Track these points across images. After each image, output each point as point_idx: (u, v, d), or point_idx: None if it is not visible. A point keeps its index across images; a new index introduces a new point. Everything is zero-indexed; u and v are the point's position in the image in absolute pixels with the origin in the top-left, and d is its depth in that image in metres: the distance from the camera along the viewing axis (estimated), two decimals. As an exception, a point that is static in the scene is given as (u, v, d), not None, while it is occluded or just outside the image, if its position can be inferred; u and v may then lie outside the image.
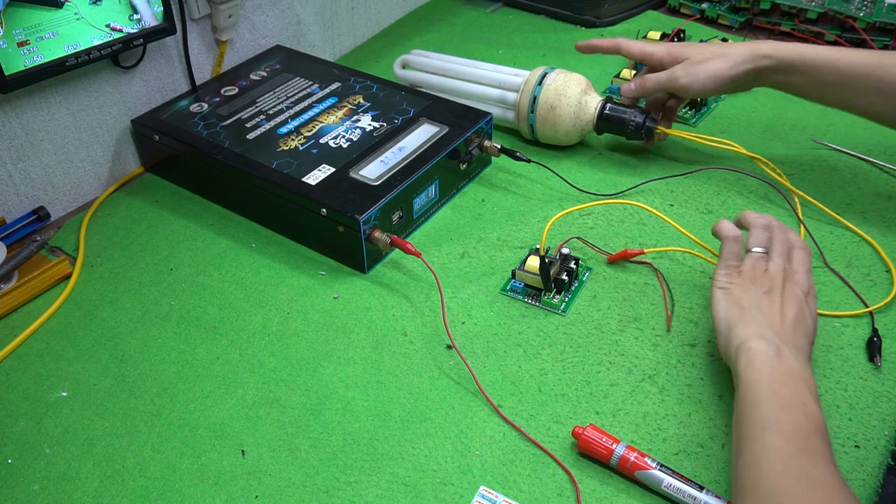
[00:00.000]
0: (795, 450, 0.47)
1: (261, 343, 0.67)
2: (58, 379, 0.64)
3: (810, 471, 0.46)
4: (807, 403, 0.50)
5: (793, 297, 0.58)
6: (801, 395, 0.50)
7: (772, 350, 0.53)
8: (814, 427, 0.49)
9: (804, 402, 0.50)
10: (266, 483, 0.55)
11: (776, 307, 0.57)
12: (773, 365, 0.52)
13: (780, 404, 0.50)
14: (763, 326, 0.55)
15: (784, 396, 0.50)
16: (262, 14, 0.98)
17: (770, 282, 0.59)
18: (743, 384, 0.52)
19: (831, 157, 0.85)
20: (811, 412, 0.49)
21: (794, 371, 0.52)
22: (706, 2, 1.16)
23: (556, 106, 0.84)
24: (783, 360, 0.53)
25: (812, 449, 0.47)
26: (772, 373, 0.52)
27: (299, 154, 0.78)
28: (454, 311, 0.69)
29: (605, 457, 0.54)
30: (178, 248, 0.77)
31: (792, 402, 0.50)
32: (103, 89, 0.83)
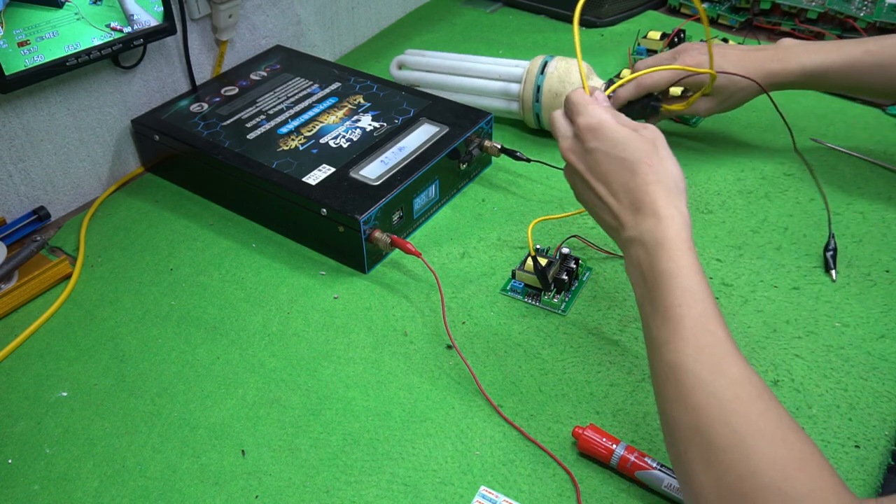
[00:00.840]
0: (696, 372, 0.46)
1: (261, 343, 0.67)
2: (58, 379, 0.64)
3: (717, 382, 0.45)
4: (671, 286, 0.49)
5: (568, 165, 0.58)
6: (673, 285, 0.49)
7: (630, 253, 0.53)
8: (700, 319, 0.47)
9: (678, 290, 0.48)
10: (266, 483, 0.55)
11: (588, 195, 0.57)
12: (638, 269, 0.52)
13: (658, 316, 0.49)
14: (610, 229, 0.56)
15: (657, 300, 0.49)
16: (262, 14, 0.98)
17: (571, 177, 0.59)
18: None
19: (831, 157, 0.85)
20: (688, 294, 0.48)
21: (651, 258, 0.50)
22: (706, 2, 1.16)
23: (561, 93, 0.84)
24: (634, 254, 0.52)
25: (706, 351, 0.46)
26: (640, 280, 0.51)
27: (299, 154, 0.78)
28: (454, 311, 0.69)
29: (605, 457, 0.54)
30: (178, 248, 0.77)
31: (667, 304, 0.48)
32: (103, 89, 0.83)
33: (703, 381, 0.45)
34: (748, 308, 0.67)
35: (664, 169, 0.53)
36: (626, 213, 0.53)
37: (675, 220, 0.51)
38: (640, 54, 1.02)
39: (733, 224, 0.76)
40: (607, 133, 0.55)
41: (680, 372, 0.46)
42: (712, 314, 0.47)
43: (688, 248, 0.50)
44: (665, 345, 0.47)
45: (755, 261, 0.72)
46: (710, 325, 0.47)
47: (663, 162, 0.53)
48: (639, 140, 0.54)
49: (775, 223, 0.76)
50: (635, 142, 0.54)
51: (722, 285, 0.70)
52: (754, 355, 0.63)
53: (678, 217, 0.51)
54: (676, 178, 0.53)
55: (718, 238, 0.75)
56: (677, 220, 0.51)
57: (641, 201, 0.52)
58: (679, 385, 0.46)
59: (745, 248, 0.73)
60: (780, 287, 0.69)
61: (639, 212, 0.52)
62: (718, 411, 0.43)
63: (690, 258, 0.50)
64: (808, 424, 0.57)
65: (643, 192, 0.52)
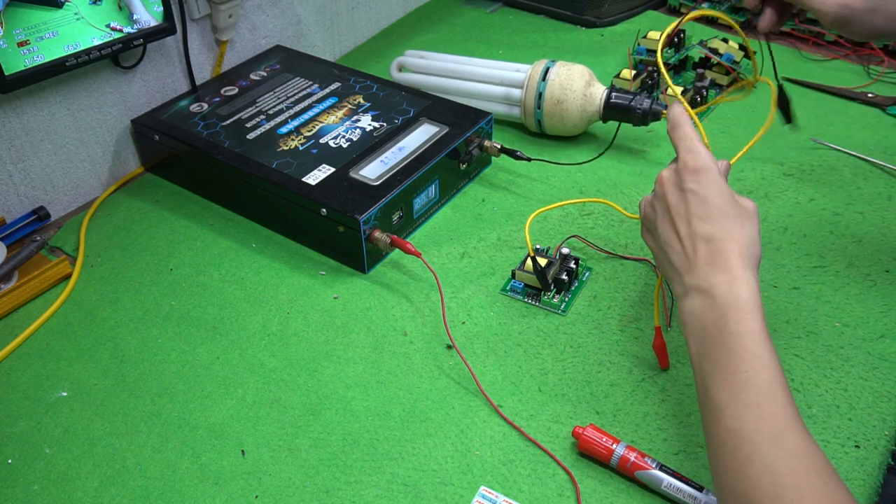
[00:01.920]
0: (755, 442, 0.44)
1: (261, 343, 0.67)
2: (58, 379, 0.64)
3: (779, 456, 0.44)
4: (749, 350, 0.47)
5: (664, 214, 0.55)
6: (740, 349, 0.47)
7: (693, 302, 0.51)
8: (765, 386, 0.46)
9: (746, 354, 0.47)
10: (266, 483, 0.55)
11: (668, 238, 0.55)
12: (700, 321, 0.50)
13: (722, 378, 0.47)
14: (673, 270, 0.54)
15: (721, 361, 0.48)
16: (262, 14, 0.98)
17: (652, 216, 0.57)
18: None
19: (831, 157, 0.85)
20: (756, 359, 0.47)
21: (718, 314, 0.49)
22: (706, 2, 1.16)
23: (563, 100, 0.84)
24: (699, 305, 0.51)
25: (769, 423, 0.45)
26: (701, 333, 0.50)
27: (299, 154, 0.78)
28: (454, 311, 0.69)
29: (605, 457, 0.54)
30: (178, 248, 0.77)
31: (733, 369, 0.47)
32: (103, 89, 0.83)
33: (760, 453, 0.44)
34: (748, 308, 0.67)
35: (750, 237, 0.52)
36: (700, 261, 0.52)
37: (750, 284, 0.50)
38: (640, 54, 1.02)
39: (733, 224, 0.76)
40: (710, 181, 0.54)
41: (738, 439, 0.45)
42: (778, 383, 0.46)
43: (758, 314, 0.49)
44: (726, 409, 0.46)
45: (755, 261, 0.72)
46: (775, 394, 0.46)
47: (750, 232, 0.52)
48: (737, 202, 0.53)
49: (775, 223, 0.76)
50: (732, 202, 0.53)
51: (722, 285, 0.69)
52: (754, 355, 0.63)
53: (753, 281, 0.50)
54: (757, 251, 0.52)
55: (718, 238, 0.75)
56: (752, 283, 0.50)
57: (719, 255, 0.51)
58: (736, 453, 0.45)
59: (745, 248, 0.73)
60: (780, 287, 0.69)
61: (713, 264, 0.51)
62: (771, 485, 0.42)
63: (760, 324, 0.48)
64: (808, 424, 0.57)
65: (723, 247, 0.51)
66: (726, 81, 0.97)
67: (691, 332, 0.51)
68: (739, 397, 0.46)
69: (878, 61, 1.02)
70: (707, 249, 0.52)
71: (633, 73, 0.96)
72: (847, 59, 1.04)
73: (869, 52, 1.03)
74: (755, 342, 0.47)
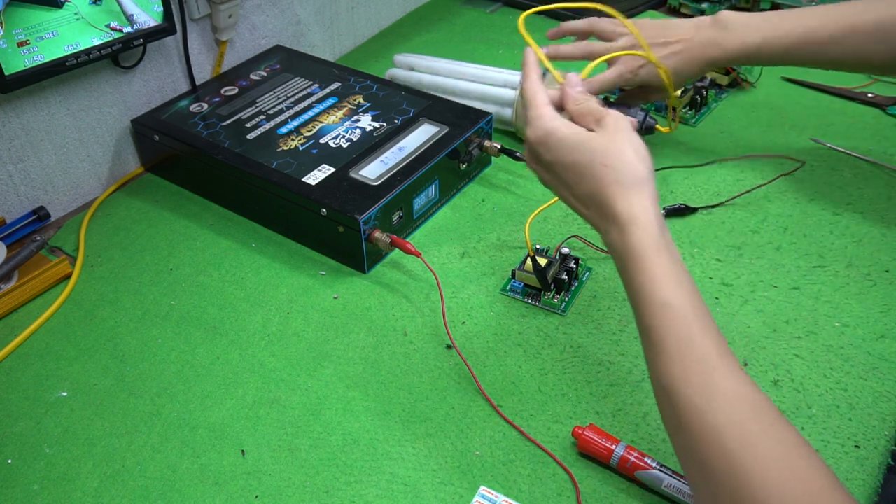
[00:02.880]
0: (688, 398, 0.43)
1: (261, 343, 0.67)
2: (58, 379, 0.64)
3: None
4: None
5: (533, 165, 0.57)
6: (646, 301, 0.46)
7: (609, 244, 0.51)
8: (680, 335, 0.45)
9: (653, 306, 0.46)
10: (266, 483, 0.55)
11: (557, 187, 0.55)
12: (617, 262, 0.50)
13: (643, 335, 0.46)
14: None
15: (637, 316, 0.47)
16: (262, 14, 0.98)
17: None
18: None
19: (831, 157, 0.85)
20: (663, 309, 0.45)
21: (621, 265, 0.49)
22: (706, 1, 1.15)
23: None
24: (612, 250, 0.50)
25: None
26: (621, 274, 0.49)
27: (299, 154, 0.78)
28: (454, 311, 0.68)
29: (605, 457, 0.54)
30: (178, 248, 0.77)
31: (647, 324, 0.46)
32: (103, 89, 0.83)
33: (694, 406, 0.43)
34: (748, 308, 0.67)
35: (622, 164, 0.50)
36: (598, 219, 0.51)
37: (639, 225, 0.48)
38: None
39: (733, 224, 0.76)
40: (558, 142, 0.53)
41: (672, 396, 0.44)
42: (696, 327, 0.45)
43: (656, 254, 0.47)
44: (653, 367, 0.46)
45: (755, 261, 0.72)
46: (694, 341, 0.44)
47: (621, 156, 0.50)
48: (591, 141, 0.51)
49: (775, 223, 0.76)
50: (588, 143, 0.51)
51: (722, 285, 0.70)
52: (754, 355, 0.63)
53: (643, 218, 0.48)
54: (636, 171, 0.49)
55: (718, 238, 0.75)
56: (642, 222, 0.48)
57: (605, 206, 0.50)
58: (674, 409, 0.44)
59: (745, 248, 0.73)
60: (780, 287, 0.69)
61: (605, 218, 0.50)
62: (713, 436, 0.42)
63: (662, 265, 0.46)
64: (808, 424, 0.57)
65: (604, 197, 0.49)
66: (726, 81, 0.97)
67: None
68: (661, 354, 0.45)
69: (878, 61, 1.02)
70: (595, 205, 0.51)
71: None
72: (847, 59, 1.03)
73: (869, 52, 1.03)
74: (661, 289, 0.46)
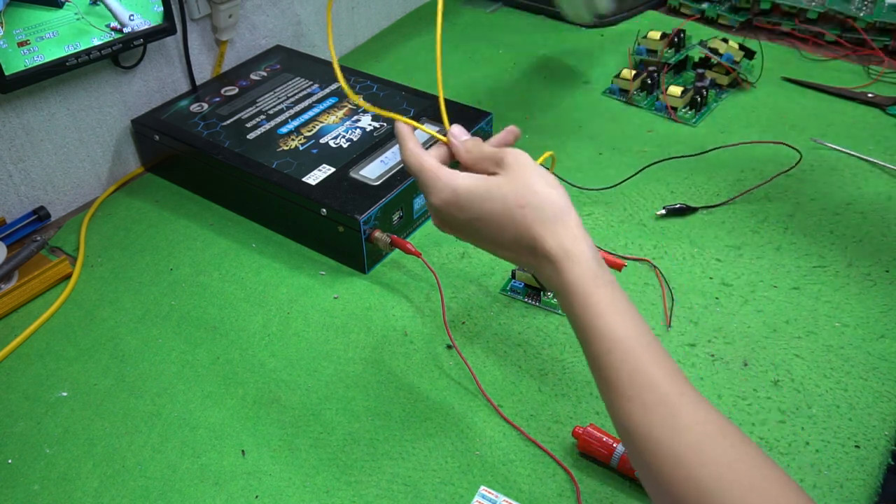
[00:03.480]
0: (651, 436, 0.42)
1: (261, 343, 0.67)
2: (58, 379, 0.64)
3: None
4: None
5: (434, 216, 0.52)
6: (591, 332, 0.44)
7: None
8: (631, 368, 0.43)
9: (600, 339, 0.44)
10: (266, 483, 0.55)
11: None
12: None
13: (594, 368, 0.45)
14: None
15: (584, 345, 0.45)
16: (262, 14, 0.98)
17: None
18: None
19: (831, 157, 0.85)
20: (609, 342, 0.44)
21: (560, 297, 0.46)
22: (706, 2, 1.15)
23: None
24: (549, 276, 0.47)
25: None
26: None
27: (299, 154, 0.78)
28: (454, 311, 0.69)
29: (605, 457, 0.54)
30: (178, 248, 0.77)
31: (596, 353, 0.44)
32: (103, 89, 0.83)
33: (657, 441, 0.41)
34: (748, 308, 0.67)
35: (538, 200, 0.47)
36: (531, 260, 0.48)
37: (574, 260, 0.46)
38: (640, 54, 1.02)
39: (733, 224, 0.76)
40: (467, 197, 0.49)
41: (633, 435, 0.42)
42: (646, 358, 0.43)
43: (596, 287, 0.45)
44: (611, 407, 0.44)
45: (755, 261, 0.72)
46: (648, 373, 0.43)
47: (536, 194, 0.47)
48: (499, 186, 0.49)
49: (775, 223, 0.76)
50: (496, 189, 0.48)
51: (722, 285, 0.70)
52: (754, 355, 0.63)
53: (575, 251, 0.46)
54: (554, 202, 0.47)
55: (718, 238, 0.75)
56: (576, 256, 0.46)
57: (534, 248, 0.47)
58: (637, 447, 0.42)
59: (745, 248, 0.74)
60: (780, 287, 0.69)
61: (537, 259, 0.48)
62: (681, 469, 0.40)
63: (604, 298, 0.45)
64: (808, 424, 0.57)
65: (531, 239, 0.47)
66: (726, 81, 0.97)
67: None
68: (617, 391, 0.43)
69: (878, 61, 1.02)
70: (523, 247, 0.48)
71: (633, 72, 0.96)
72: (847, 59, 1.03)
73: (869, 52, 1.03)
74: (604, 321, 0.44)
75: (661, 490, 0.42)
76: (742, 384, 0.61)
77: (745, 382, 0.61)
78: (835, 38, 1.05)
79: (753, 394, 0.60)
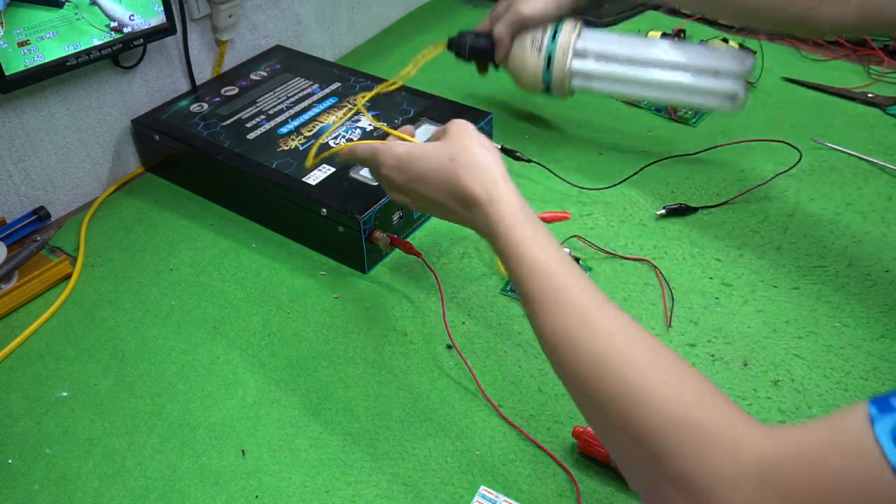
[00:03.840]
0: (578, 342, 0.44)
1: (261, 343, 0.67)
2: (58, 379, 0.64)
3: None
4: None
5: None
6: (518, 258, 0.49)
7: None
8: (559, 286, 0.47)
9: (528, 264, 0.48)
10: (266, 483, 0.55)
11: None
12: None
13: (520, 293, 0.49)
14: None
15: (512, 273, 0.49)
16: (262, 14, 0.98)
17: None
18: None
19: (831, 157, 0.85)
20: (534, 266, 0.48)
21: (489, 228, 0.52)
22: (706, 2, 1.15)
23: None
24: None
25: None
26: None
27: (299, 154, 0.78)
28: (454, 311, 0.69)
29: (605, 456, 0.54)
30: (178, 248, 0.77)
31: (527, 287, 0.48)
32: (103, 89, 0.83)
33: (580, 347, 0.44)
34: (748, 308, 0.67)
35: (470, 156, 0.54)
36: (463, 212, 0.54)
37: (501, 202, 0.51)
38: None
39: (733, 224, 0.76)
40: (409, 158, 0.57)
41: (558, 347, 0.45)
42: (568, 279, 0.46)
43: (522, 223, 0.50)
44: (536, 325, 0.47)
45: (755, 261, 0.72)
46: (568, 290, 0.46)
47: (468, 150, 0.54)
48: (439, 148, 0.56)
49: (775, 223, 0.76)
50: (436, 150, 0.56)
51: (722, 285, 0.70)
52: (754, 355, 0.63)
53: (503, 196, 0.51)
54: (485, 159, 0.54)
55: (718, 238, 0.75)
56: (503, 199, 0.51)
57: (464, 196, 0.53)
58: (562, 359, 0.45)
59: (745, 248, 0.74)
60: (780, 287, 0.69)
61: (467, 207, 0.53)
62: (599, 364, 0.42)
63: (528, 231, 0.49)
64: (808, 424, 0.57)
65: (461, 189, 0.53)
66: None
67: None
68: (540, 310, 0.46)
69: (878, 61, 1.02)
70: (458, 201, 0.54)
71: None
72: (847, 59, 1.04)
73: (869, 52, 1.03)
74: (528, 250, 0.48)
75: (585, 395, 0.44)
76: (742, 384, 0.61)
77: (745, 382, 0.61)
78: (835, 38, 1.05)
79: (753, 394, 0.60)
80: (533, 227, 0.50)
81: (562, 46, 0.79)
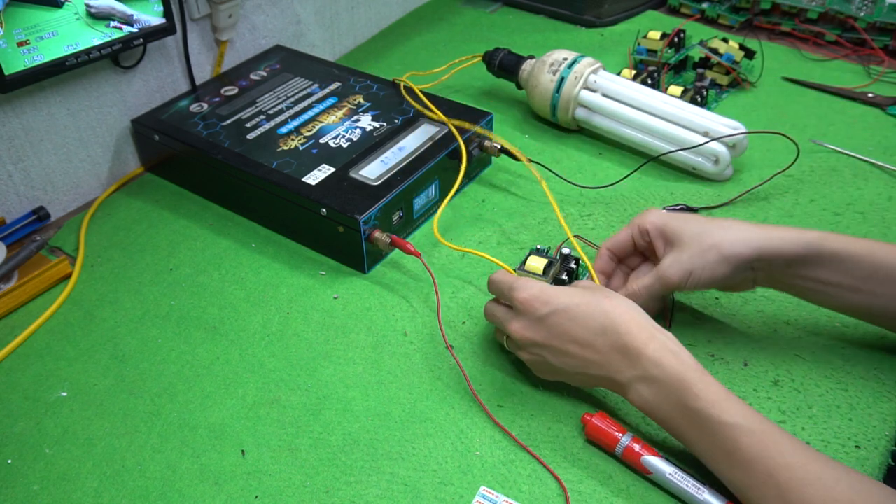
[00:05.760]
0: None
1: (261, 343, 0.67)
2: (58, 379, 0.64)
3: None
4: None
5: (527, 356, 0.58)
6: (712, 425, 0.48)
7: (641, 391, 0.52)
8: (764, 453, 0.47)
9: (724, 428, 0.48)
10: (266, 483, 0.55)
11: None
12: (658, 407, 0.51)
13: (718, 464, 0.49)
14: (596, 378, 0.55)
15: (705, 445, 0.49)
16: (262, 14, 0.98)
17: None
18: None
19: (831, 157, 0.85)
20: (734, 430, 0.47)
21: (671, 395, 0.50)
22: (706, 1, 1.16)
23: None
24: (641, 395, 0.52)
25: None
26: (666, 417, 0.51)
27: (299, 154, 0.78)
28: (454, 311, 0.68)
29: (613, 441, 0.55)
30: (178, 248, 0.77)
31: (726, 449, 0.48)
32: (103, 89, 0.83)
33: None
34: (748, 308, 0.67)
35: (623, 300, 0.53)
36: (614, 356, 0.52)
37: (675, 353, 0.50)
38: (640, 54, 1.02)
39: (733, 224, 0.76)
40: (552, 294, 0.54)
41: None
42: (772, 441, 0.46)
43: (704, 377, 0.49)
44: (748, 491, 0.47)
45: (755, 261, 0.72)
46: (781, 456, 0.46)
47: (617, 295, 0.54)
48: (584, 287, 0.54)
49: (775, 223, 0.76)
50: (582, 288, 0.54)
51: (722, 285, 0.69)
52: (754, 355, 0.63)
53: (671, 345, 0.51)
54: (635, 305, 0.53)
55: (718, 238, 0.75)
56: (672, 348, 0.50)
57: (624, 342, 0.51)
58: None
59: (745, 248, 0.73)
60: (780, 287, 0.69)
61: (627, 352, 0.51)
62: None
63: (715, 387, 0.48)
64: (808, 424, 0.57)
65: (623, 332, 0.51)
66: (726, 81, 0.97)
67: (659, 419, 0.52)
68: (752, 476, 0.46)
69: (878, 61, 1.02)
70: (609, 343, 0.52)
71: (633, 72, 0.96)
72: (847, 59, 1.04)
73: (869, 52, 1.03)
74: (727, 412, 0.48)
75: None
76: (742, 384, 0.61)
77: (745, 382, 0.61)
78: (835, 38, 1.05)
79: (753, 394, 0.60)
80: (712, 381, 0.49)
81: (575, 73, 0.87)
